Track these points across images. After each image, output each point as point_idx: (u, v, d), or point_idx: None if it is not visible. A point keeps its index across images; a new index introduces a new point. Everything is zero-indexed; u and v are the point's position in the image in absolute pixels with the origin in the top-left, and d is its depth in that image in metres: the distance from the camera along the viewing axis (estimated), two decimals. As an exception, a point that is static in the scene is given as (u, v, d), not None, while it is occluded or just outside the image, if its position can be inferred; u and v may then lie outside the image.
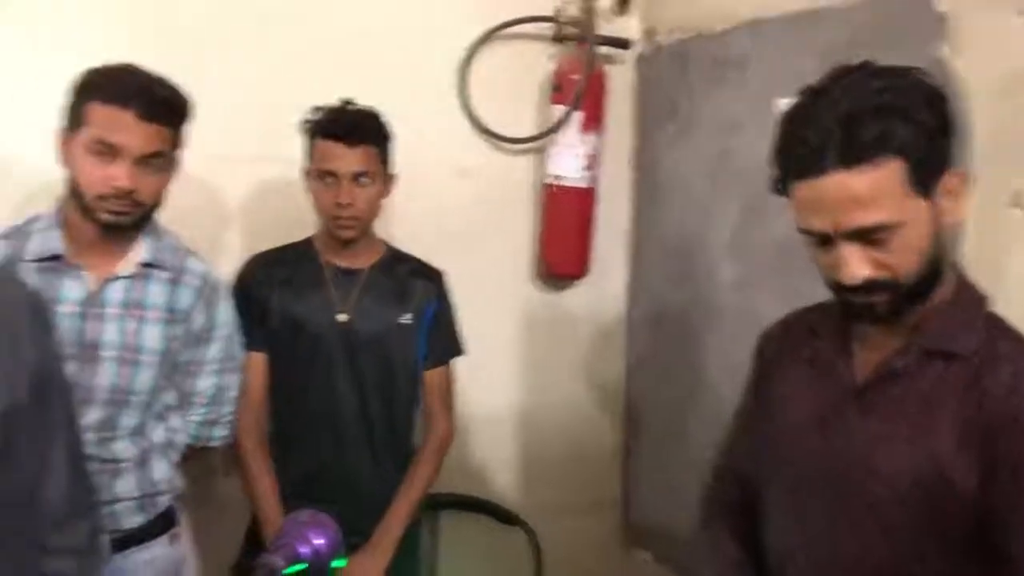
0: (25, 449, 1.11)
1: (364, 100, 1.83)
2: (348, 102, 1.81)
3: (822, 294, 1.18)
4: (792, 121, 1.04)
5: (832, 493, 1.12)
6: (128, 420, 1.58)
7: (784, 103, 1.08)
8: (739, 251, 2.11)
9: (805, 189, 1.02)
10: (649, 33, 2.46)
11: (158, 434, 1.65)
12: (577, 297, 2.53)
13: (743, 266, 2.10)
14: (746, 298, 2.08)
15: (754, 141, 2.03)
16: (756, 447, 1.27)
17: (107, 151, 1.45)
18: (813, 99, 1.02)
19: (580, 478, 2.57)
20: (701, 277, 2.23)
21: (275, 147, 2.01)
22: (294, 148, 1.85)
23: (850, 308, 1.09)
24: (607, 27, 2.38)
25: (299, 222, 1.99)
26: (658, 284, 2.45)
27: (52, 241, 1.52)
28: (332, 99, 1.82)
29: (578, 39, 2.32)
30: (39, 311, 1.17)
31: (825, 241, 1.04)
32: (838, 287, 1.06)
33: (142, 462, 1.61)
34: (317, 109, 1.80)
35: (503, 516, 2.34)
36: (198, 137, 1.61)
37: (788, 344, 1.26)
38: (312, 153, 1.80)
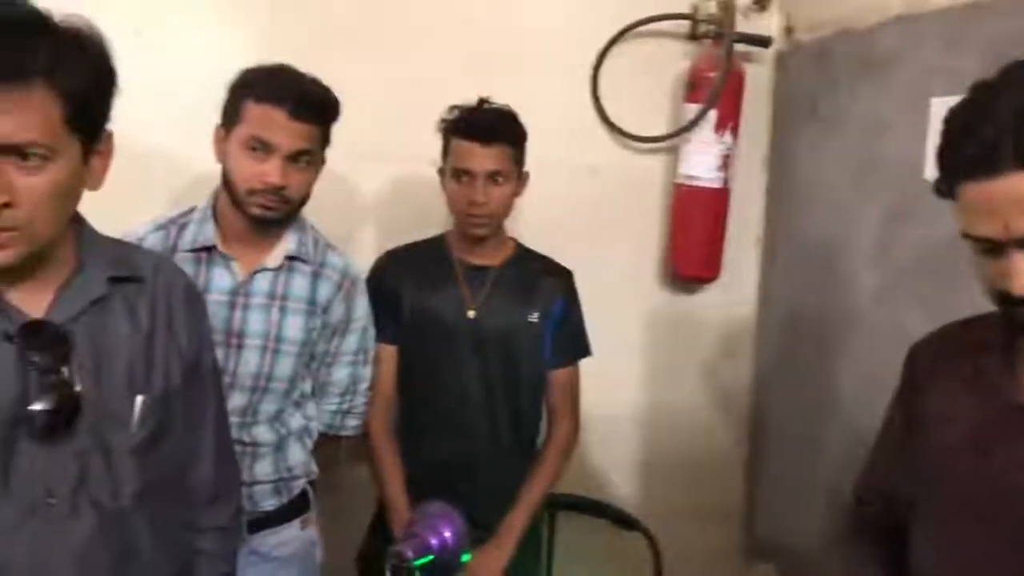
0: (179, 433, 1.17)
1: (496, 95, 1.84)
2: (485, 101, 1.82)
3: (971, 304, 1.11)
4: (961, 117, 0.97)
5: (989, 520, 1.05)
6: (268, 406, 1.64)
7: (942, 101, 1.01)
8: (881, 257, 2.01)
9: (975, 191, 0.95)
10: (789, 30, 2.38)
11: (295, 421, 1.70)
12: (705, 300, 2.47)
13: (885, 273, 2.00)
14: (887, 307, 1.98)
15: (901, 142, 1.93)
16: (904, 466, 1.20)
17: (260, 148, 1.51)
18: (986, 94, 0.95)
19: (702, 485, 2.52)
20: (839, 284, 2.13)
21: (408, 145, 2.05)
22: (427, 146, 1.87)
23: (1017, 321, 1.01)
24: (745, 24, 2.32)
25: (430, 219, 2.03)
26: (792, 290, 2.37)
27: (206, 232, 1.59)
28: (467, 97, 1.83)
29: (715, 36, 2.26)
30: (194, 299, 1.22)
31: (993, 248, 0.96)
32: (1005, 298, 0.99)
33: (279, 447, 1.67)
34: (454, 108, 1.82)
35: (623, 520, 2.31)
36: (336, 134, 1.65)
37: (944, 358, 1.18)
38: (448, 152, 1.82)
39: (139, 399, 1.08)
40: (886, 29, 2.00)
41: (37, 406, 0.98)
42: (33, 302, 1.02)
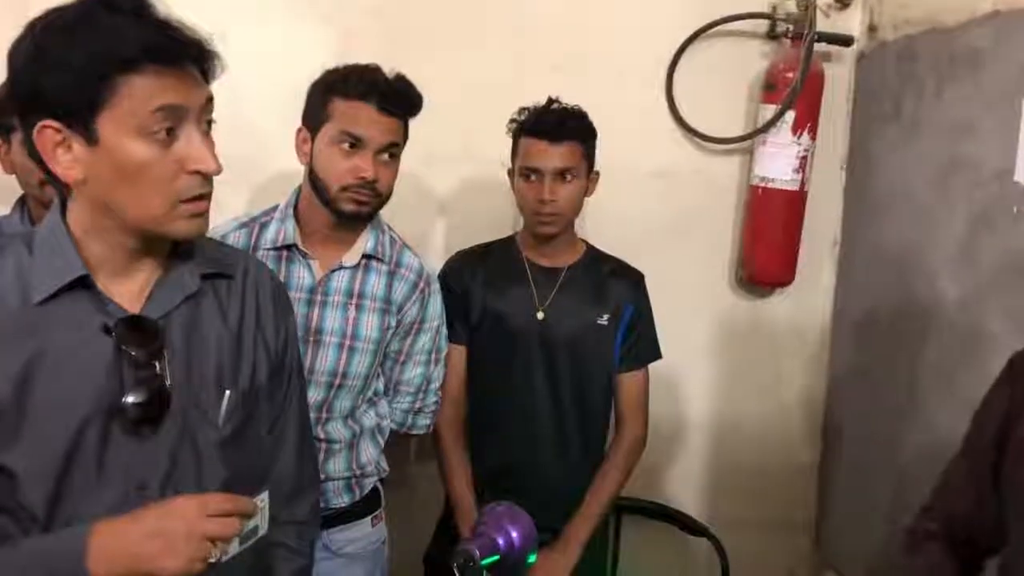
0: (262, 427, 1.19)
1: (570, 97, 1.83)
2: (554, 101, 1.82)
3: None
4: None
5: None
6: (343, 403, 1.67)
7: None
8: (965, 264, 1.93)
9: None
10: (872, 29, 2.31)
11: (368, 418, 1.72)
12: (779, 305, 2.42)
13: (969, 281, 1.93)
14: (971, 315, 1.91)
15: (990, 145, 1.86)
16: (988, 489, 1.15)
17: (351, 143, 1.53)
18: None
19: (772, 493, 2.47)
20: (919, 291, 2.07)
21: (480, 146, 2.07)
22: (498, 147, 1.87)
23: None
24: (825, 23, 2.26)
25: (501, 220, 2.03)
26: (869, 296, 2.30)
27: (287, 231, 1.62)
28: (539, 99, 1.82)
29: (794, 36, 2.21)
30: (281, 297, 1.24)
31: None
32: None
33: (352, 444, 1.70)
34: (523, 110, 1.82)
35: (690, 526, 2.28)
36: (409, 135, 1.65)
37: None
38: (517, 151, 1.83)
39: (226, 394, 1.10)
40: (976, 26, 1.92)
41: (130, 399, 1.00)
42: (130, 297, 1.05)
